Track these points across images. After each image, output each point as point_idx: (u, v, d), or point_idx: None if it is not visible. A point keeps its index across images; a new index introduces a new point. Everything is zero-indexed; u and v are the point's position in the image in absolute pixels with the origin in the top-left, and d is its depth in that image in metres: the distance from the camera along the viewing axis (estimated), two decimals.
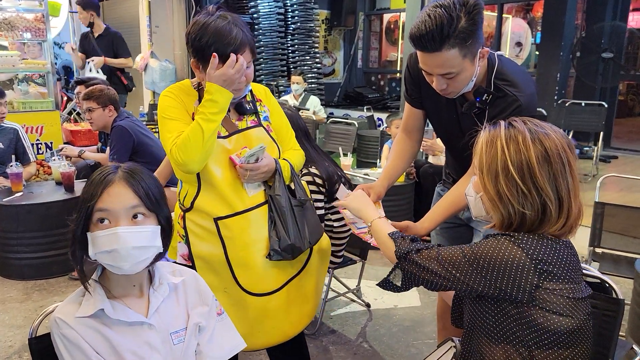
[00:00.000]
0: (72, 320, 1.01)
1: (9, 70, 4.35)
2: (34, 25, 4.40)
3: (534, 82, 1.56)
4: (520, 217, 1.05)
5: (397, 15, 9.08)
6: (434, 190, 1.94)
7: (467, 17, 1.31)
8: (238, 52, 1.38)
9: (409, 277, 1.13)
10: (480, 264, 1.03)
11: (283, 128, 1.65)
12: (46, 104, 4.47)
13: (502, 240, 1.04)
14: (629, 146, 6.95)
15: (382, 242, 1.22)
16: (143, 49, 7.56)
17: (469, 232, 1.77)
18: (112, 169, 1.06)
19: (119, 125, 3.05)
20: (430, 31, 1.31)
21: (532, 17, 8.41)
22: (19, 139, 3.39)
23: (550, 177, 1.02)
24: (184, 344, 1.10)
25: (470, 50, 1.36)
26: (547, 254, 1.02)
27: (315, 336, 2.48)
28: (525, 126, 1.07)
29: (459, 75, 1.40)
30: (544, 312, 1.00)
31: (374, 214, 1.34)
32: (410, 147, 1.79)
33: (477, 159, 1.11)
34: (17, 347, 2.37)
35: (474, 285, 1.04)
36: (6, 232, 3.00)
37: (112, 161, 3.04)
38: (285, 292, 1.58)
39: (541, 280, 1.00)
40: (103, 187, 1.01)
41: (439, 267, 1.07)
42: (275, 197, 1.50)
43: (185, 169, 1.40)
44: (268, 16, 7.12)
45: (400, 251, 1.14)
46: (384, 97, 8.60)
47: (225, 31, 1.37)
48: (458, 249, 1.08)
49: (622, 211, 2.68)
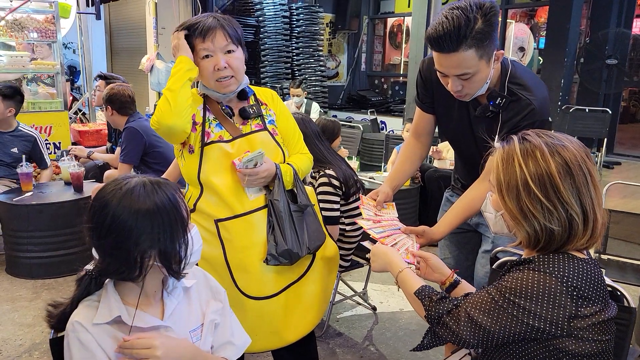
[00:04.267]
0: (90, 325, 1.01)
1: (18, 70, 4.37)
2: (44, 27, 4.43)
3: (546, 87, 1.58)
4: (549, 233, 1.00)
5: (400, 19, 9.11)
6: (438, 194, 1.95)
7: (484, 18, 1.34)
8: (206, 35, 1.45)
9: (440, 339, 1.09)
10: (514, 302, 0.98)
11: (290, 132, 1.65)
12: (55, 104, 4.49)
13: (529, 272, 0.99)
14: (632, 152, 6.97)
15: (411, 298, 1.18)
16: (149, 50, 7.58)
17: (477, 237, 1.79)
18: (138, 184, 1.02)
19: (130, 126, 3.10)
20: (447, 32, 1.33)
21: (535, 23, 8.44)
22: (36, 145, 3.42)
23: (574, 190, 0.99)
24: (200, 342, 1.11)
25: (486, 51, 1.38)
26: (579, 278, 0.98)
27: (322, 339, 2.50)
28: (541, 139, 1.03)
29: (474, 77, 1.42)
30: (577, 341, 0.97)
31: (397, 267, 1.25)
32: (418, 150, 1.80)
33: (494, 177, 1.07)
34: (27, 345, 2.39)
35: (510, 330, 0.99)
36: (16, 232, 3.03)
37: (122, 162, 3.07)
38: (284, 297, 1.57)
39: (578, 308, 0.96)
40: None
41: (472, 329, 1.02)
42: (274, 201, 1.51)
43: (162, 128, 1.43)
44: (273, 19, 7.15)
45: (431, 316, 1.09)
46: (387, 100, 8.63)
47: (199, 18, 1.48)
48: (485, 294, 1.03)
49: (627, 218, 2.70)
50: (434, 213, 1.68)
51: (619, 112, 7.14)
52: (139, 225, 0.97)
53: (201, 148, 1.48)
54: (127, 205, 0.97)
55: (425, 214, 3.78)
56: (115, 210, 0.97)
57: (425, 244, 1.57)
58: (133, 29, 8.19)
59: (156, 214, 0.98)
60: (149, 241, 0.98)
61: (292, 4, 7.46)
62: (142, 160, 3.11)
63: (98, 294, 1.05)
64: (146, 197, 0.99)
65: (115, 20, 8.85)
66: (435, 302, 1.09)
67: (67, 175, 3.28)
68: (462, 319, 1.03)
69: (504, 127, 1.49)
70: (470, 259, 1.81)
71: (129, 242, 0.97)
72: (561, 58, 6.26)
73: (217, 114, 1.53)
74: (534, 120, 1.45)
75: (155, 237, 0.98)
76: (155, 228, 0.98)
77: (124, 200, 0.98)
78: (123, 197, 0.98)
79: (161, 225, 0.99)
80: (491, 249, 1.70)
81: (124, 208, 0.97)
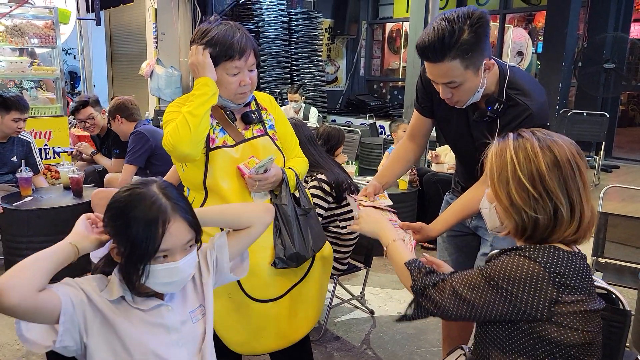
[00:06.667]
0: (97, 295, 1.02)
1: (18, 76, 4.39)
2: (44, 32, 4.45)
3: (544, 91, 1.59)
4: (534, 222, 1.05)
5: (399, 25, 9.16)
6: (437, 198, 1.97)
7: (470, 29, 1.36)
8: (243, 55, 1.43)
9: (424, 311, 1.12)
10: (498, 284, 1.02)
11: (288, 136, 1.67)
12: (54, 109, 4.51)
13: (516, 257, 1.04)
14: (630, 156, 6.99)
15: (399, 270, 1.20)
16: (149, 55, 7.63)
17: (476, 240, 1.80)
18: (157, 202, 1.01)
19: (137, 130, 3.20)
20: (432, 43, 1.36)
21: (534, 27, 8.48)
22: (30, 151, 3.43)
23: (560, 181, 1.04)
24: (200, 322, 1.12)
25: (473, 62, 1.40)
26: (563, 266, 1.02)
27: (319, 342, 2.50)
28: (534, 136, 1.09)
29: (462, 86, 1.44)
30: (558, 328, 1.00)
31: (389, 236, 1.29)
32: (412, 151, 1.83)
33: (488, 170, 1.13)
34: (25, 350, 2.39)
35: (493, 309, 1.03)
36: (15, 237, 3.03)
37: (128, 163, 3.13)
38: (288, 299, 1.59)
39: (560, 294, 1.00)
40: (163, 229, 0.99)
41: (455, 301, 1.06)
42: (281, 206, 1.52)
43: (176, 153, 1.41)
44: (272, 24, 7.19)
45: (417, 286, 1.12)
46: (385, 104, 8.66)
47: (228, 36, 1.43)
48: (476, 272, 1.07)
49: (625, 221, 2.71)
50: (432, 217, 1.69)
51: (617, 115, 7.16)
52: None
53: (206, 153, 1.48)
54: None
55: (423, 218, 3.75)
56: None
57: (421, 240, 1.60)
58: (133, 35, 8.23)
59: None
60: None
61: (291, 10, 7.50)
62: (148, 163, 3.19)
63: (106, 277, 1.07)
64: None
65: (116, 26, 8.90)
66: (423, 274, 1.13)
67: (66, 180, 3.28)
68: (447, 292, 1.07)
69: (502, 131, 1.50)
70: (468, 262, 1.82)
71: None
72: (559, 62, 6.29)
73: (220, 119, 1.53)
74: (532, 125, 1.45)
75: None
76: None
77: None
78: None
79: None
80: (490, 252, 1.71)
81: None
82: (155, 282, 1.02)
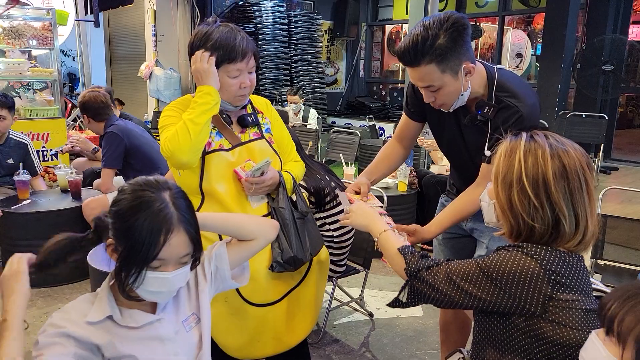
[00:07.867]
0: (83, 324, 1.00)
1: (16, 77, 4.39)
2: (42, 34, 4.45)
3: (535, 92, 1.60)
4: (529, 229, 1.05)
5: (399, 26, 9.16)
6: (436, 200, 1.97)
7: (445, 34, 1.37)
8: (244, 58, 1.43)
9: (417, 294, 1.12)
10: (493, 276, 1.03)
11: (284, 140, 1.66)
12: (52, 111, 4.50)
13: (514, 252, 1.04)
14: (629, 157, 6.99)
15: (391, 257, 1.20)
16: (148, 57, 7.63)
17: (471, 243, 1.80)
18: (165, 209, 0.99)
19: (109, 130, 3.01)
20: (407, 48, 1.40)
21: (533, 29, 8.50)
22: (27, 153, 3.40)
23: (566, 194, 1.02)
24: (193, 330, 1.10)
25: (450, 66, 1.41)
26: (560, 266, 1.02)
27: (318, 345, 2.49)
28: (547, 141, 1.06)
29: (442, 90, 1.46)
30: (554, 325, 1.00)
31: (380, 227, 1.29)
32: (397, 152, 1.84)
33: (494, 167, 1.11)
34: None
35: (487, 298, 1.03)
36: (14, 240, 3.01)
37: (105, 167, 2.99)
38: (286, 303, 1.58)
39: (554, 292, 1.00)
40: (165, 238, 0.98)
41: (449, 285, 1.06)
42: (279, 209, 1.51)
43: (174, 160, 1.40)
44: (272, 26, 7.19)
45: (410, 269, 1.12)
46: (385, 106, 8.65)
47: (230, 38, 1.42)
48: (472, 262, 1.07)
49: (624, 223, 2.70)
50: (432, 219, 1.69)
51: (615, 117, 7.17)
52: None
53: (202, 157, 1.47)
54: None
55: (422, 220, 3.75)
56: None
57: (415, 242, 1.60)
58: (132, 37, 8.23)
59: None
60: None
61: (290, 12, 7.50)
62: (126, 163, 3.02)
63: (92, 296, 1.06)
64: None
65: (115, 28, 8.89)
66: (418, 258, 1.13)
67: (64, 183, 3.28)
68: (441, 276, 1.07)
69: (493, 134, 1.50)
70: None
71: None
72: (558, 64, 6.30)
73: (216, 122, 1.52)
74: (523, 127, 1.46)
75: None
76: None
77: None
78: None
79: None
80: (485, 254, 1.70)
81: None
82: (143, 289, 1.01)
